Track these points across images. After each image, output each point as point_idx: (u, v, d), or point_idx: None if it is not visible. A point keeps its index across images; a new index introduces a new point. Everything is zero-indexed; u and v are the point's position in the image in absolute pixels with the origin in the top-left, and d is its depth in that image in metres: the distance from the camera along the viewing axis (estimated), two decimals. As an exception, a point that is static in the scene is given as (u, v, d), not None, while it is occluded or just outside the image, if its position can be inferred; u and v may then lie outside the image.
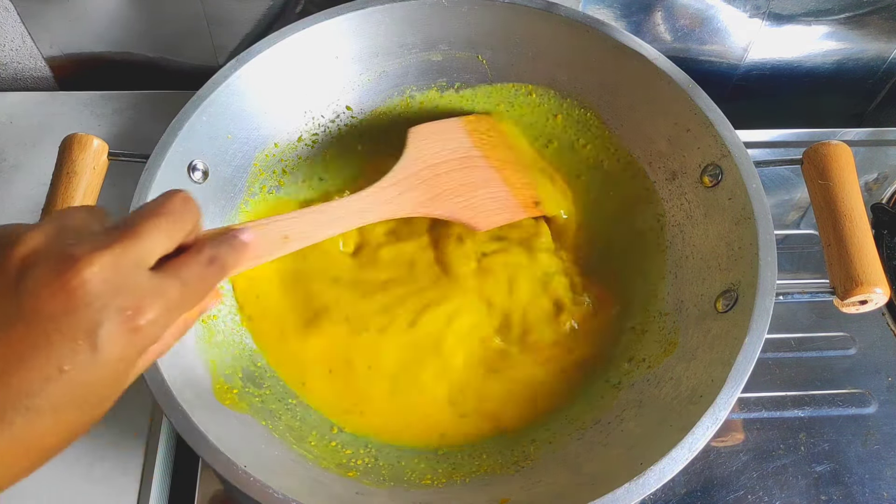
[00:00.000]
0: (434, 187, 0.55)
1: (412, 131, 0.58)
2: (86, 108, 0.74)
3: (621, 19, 0.72)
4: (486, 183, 0.59)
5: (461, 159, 0.59)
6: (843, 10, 0.72)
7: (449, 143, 0.59)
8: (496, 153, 0.61)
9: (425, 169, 0.55)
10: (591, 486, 0.46)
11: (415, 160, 0.55)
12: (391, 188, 0.52)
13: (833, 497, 0.57)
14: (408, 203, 0.53)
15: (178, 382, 0.48)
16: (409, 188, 0.53)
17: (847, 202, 0.51)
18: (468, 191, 0.57)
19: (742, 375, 0.47)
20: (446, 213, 0.55)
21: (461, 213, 0.56)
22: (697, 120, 0.57)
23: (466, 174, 0.58)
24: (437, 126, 0.59)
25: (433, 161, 0.57)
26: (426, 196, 0.54)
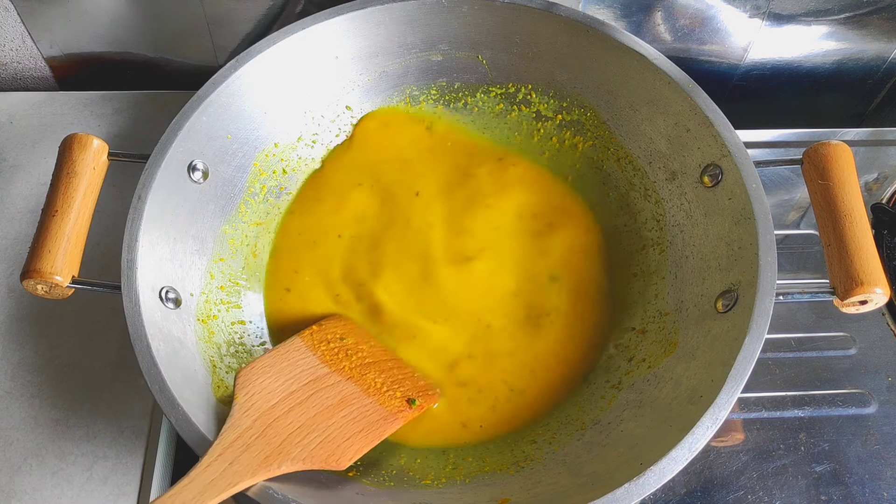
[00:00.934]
0: (275, 437, 0.46)
1: (238, 378, 0.49)
2: (86, 108, 0.74)
3: (621, 19, 0.72)
4: (343, 402, 0.51)
5: (306, 386, 0.50)
6: (843, 10, 0.72)
7: (288, 373, 0.50)
8: (351, 360, 0.54)
9: (260, 418, 0.46)
10: (591, 486, 0.46)
11: (245, 412, 0.46)
12: (217, 462, 0.43)
13: (833, 497, 0.57)
14: (243, 472, 0.43)
15: (178, 382, 0.48)
16: (242, 451, 0.44)
17: (847, 202, 0.51)
18: (322, 421, 0.48)
19: (742, 375, 0.47)
20: (297, 465, 0.45)
21: (315, 458, 0.46)
22: (697, 120, 0.57)
23: (315, 402, 0.49)
24: (269, 359, 0.51)
25: (269, 403, 0.47)
26: (266, 452, 0.44)
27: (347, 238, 0.63)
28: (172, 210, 0.55)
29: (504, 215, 0.64)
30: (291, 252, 0.63)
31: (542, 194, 0.65)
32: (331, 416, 0.49)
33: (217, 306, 0.58)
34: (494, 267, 0.62)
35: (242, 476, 0.43)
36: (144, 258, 0.52)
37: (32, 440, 0.57)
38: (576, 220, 0.64)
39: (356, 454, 0.49)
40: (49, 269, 0.49)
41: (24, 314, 0.62)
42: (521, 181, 0.66)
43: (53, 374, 0.60)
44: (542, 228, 0.63)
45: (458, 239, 0.63)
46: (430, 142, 0.67)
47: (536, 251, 0.62)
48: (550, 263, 0.62)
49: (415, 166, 0.66)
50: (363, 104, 0.67)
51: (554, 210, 0.65)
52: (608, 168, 0.65)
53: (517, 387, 0.58)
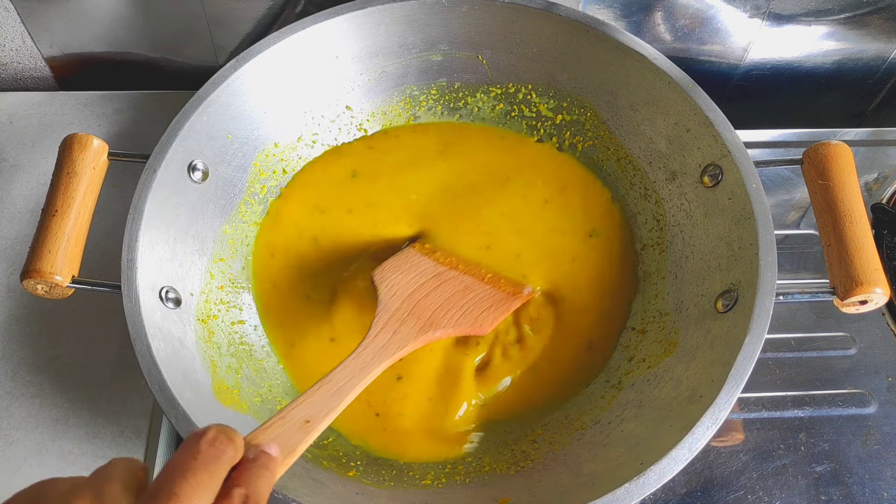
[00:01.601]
0: (422, 313, 0.54)
1: (376, 275, 0.56)
2: (86, 108, 0.74)
3: (621, 19, 0.72)
4: (468, 289, 0.58)
5: (433, 278, 0.58)
6: (843, 10, 0.72)
7: (414, 271, 0.58)
8: (460, 264, 0.61)
9: (405, 301, 0.54)
10: (591, 486, 0.46)
11: (391, 297, 0.54)
12: (382, 333, 0.51)
13: (833, 497, 0.57)
14: (406, 338, 0.51)
15: (178, 382, 0.48)
16: (400, 324, 0.52)
17: (847, 202, 0.51)
18: (456, 302, 0.56)
19: (742, 375, 0.47)
20: (448, 331, 0.54)
21: (461, 325, 0.55)
22: (697, 120, 0.57)
23: (445, 289, 0.57)
24: (395, 261, 0.58)
25: (408, 290, 0.56)
26: (420, 324, 0.53)
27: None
28: (172, 210, 0.55)
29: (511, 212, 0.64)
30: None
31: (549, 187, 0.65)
32: (462, 297, 0.57)
33: (217, 306, 0.58)
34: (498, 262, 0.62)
35: (406, 341, 0.51)
36: (144, 258, 0.52)
37: (32, 440, 0.57)
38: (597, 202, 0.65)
39: (494, 321, 0.57)
40: (49, 268, 0.49)
41: (24, 314, 0.62)
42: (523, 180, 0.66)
43: (53, 374, 0.60)
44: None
45: (460, 240, 0.63)
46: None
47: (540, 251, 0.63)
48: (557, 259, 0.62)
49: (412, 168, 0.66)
50: (363, 104, 0.67)
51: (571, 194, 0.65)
52: (608, 168, 0.65)
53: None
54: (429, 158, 0.66)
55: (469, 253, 0.62)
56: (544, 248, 0.62)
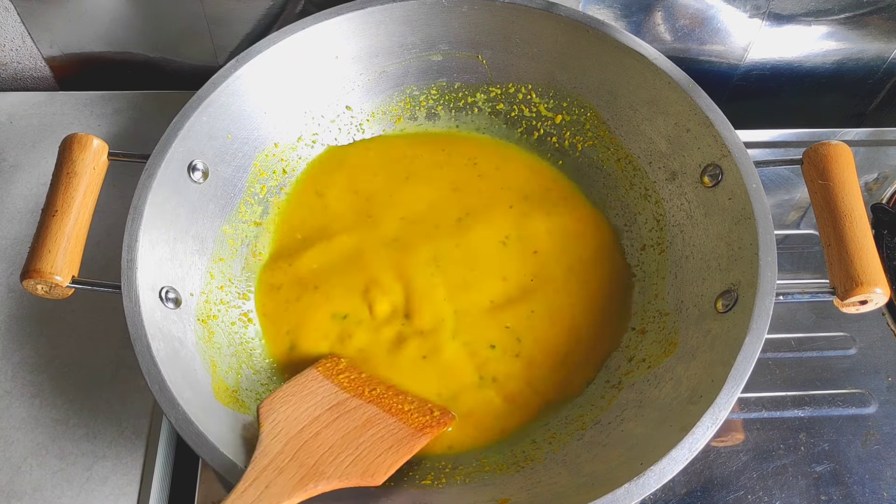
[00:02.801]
0: (306, 459, 0.47)
1: (262, 408, 0.49)
2: (86, 108, 0.74)
3: (621, 19, 0.72)
4: (368, 424, 0.51)
5: (330, 410, 0.51)
6: (843, 10, 0.72)
7: (309, 400, 0.51)
8: (368, 386, 0.55)
9: (288, 444, 0.47)
10: (591, 486, 0.46)
11: (274, 438, 0.47)
12: (253, 487, 0.44)
13: (833, 497, 0.57)
14: (280, 494, 0.44)
15: (178, 382, 0.48)
16: (276, 475, 0.45)
17: (847, 202, 0.51)
18: (351, 442, 0.49)
19: (742, 375, 0.47)
20: (332, 483, 0.46)
21: (349, 475, 0.47)
22: (697, 120, 0.57)
23: (342, 424, 0.50)
24: (290, 388, 0.52)
25: (296, 429, 0.48)
26: (301, 473, 0.45)
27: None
28: (172, 210, 0.55)
29: (508, 213, 0.64)
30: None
31: (545, 193, 0.65)
32: (359, 436, 0.50)
33: (217, 306, 0.58)
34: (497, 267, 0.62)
35: (280, 498, 0.44)
36: (144, 258, 0.52)
37: (32, 440, 0.57)
38: (581, 218, 0.64)
39: (390, 469, 0.49)
40: (49, 269, 0.49)
41: (24, 314, 0.62)
42: (522, 181, 0.66)
43: (53, 374, 0.60)
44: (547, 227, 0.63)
45: (461, 239, 0.63)
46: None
47: (542, 249, 0.62)
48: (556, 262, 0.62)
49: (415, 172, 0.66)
50: (363, 104, 0.67)
51: (559, 209, 0.65)
52: (608, 168, 0.65)
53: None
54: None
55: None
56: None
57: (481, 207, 0.64)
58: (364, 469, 0.48)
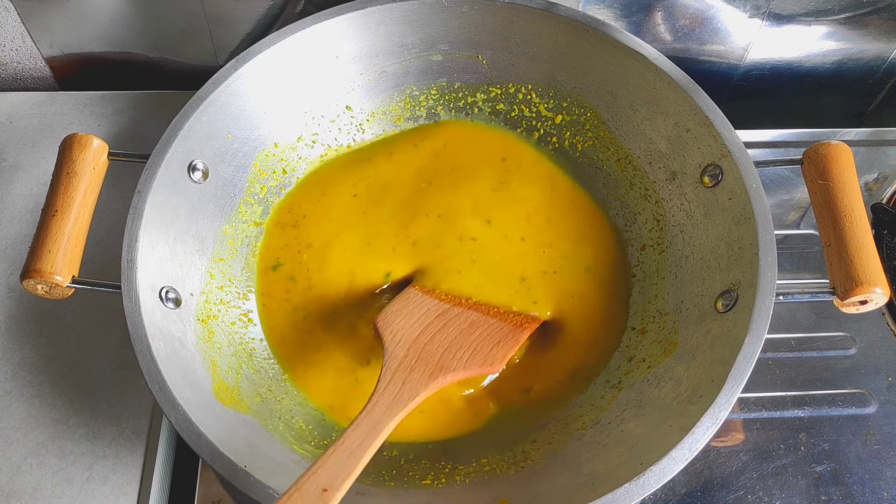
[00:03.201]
0: (431, 358, 0.52)
1: (379, 322, 0.55)
2: (86, 108, 0.74)
3: (621, 19, 0.72)
4: (474, 325, 0.57)
5: (438, 318, 0.56)
6: (843, 10, 0.72)
7: (417, 313, 0.56)
8: (464, 299, 0.59)
9: (411, 348, 0.53)
10: (591, 486, 0.46)
11: (397, 345, 0.53)
12: (392, 384, 0.49)
13: (833, 497, 0.57)
14: (417, 387, 0.50)
15: (178, 382, 0.48)
16: (409, 372, 0.51)
17: (847, 202, 0.51)
18: (464, 341, 0.55)
19: (742, 375, 0.47)
20: (459, 374, 0.52)
21: (472, 366, 0.53)
22: (697, 120, 0.57)
23: (451, 328, 0.56)
24: (397, 304, 0.57)
25: (413, 335, 0.54)
26: (429, 370, 0.51)
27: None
28: (172, 210, 0.55)
29: (509, 214, 0.64)
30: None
31: (546, 193, 0.65)
32: (469, 335, 0.56)
33: (217, 306, 0.58)
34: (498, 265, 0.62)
35: (418, 389, 0.49)
36: (144, 258, 0.52)
37: (32, 440, 0.57)
38: (585, 217, 0.64)
39: (505, 357, 0.55)
40: (49, 268, 0.49)
41: (24, 314, 0.62)
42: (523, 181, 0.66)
43: (53, 374, 0.60)
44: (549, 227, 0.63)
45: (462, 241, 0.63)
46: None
47: (542, 249, 0.62)
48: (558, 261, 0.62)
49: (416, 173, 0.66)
50: (363, 104, 0.67)
51: (561, 209, 0.64)
52: (608, 168, 0.65)
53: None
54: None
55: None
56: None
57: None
58: (482, 360, 0.54)
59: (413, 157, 0.66)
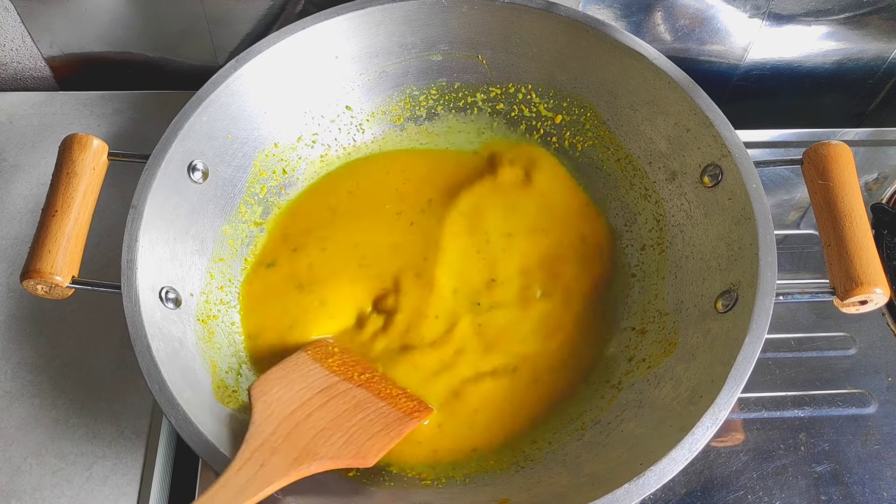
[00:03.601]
0: (300, 439, 0.47)
1: (253, 389, 0.50)
2: (86, 108, 0.74)
3: (621, 19, 0.72)
4: (358, 407, 0.52)
5: (321, 393, 0.51)
6: (843, 10, 0.72)
7: (300, 383, 0.51)
8: (357, 370, 0.55)
9: (281, 425, 0.47)
10: (591, 486, 0.46)
11: (266, 419, 0.47)
12: (248, 466, 0.44)
13: (833, 497, 0.57)
14: (275, 473, 0.44)
15: (178, 382, 0.48)
16: (270, 454, 0.45)
17: (847, 202, 0.51)
18: (341, 424, 0.50)
19: (742, 375, 0.47)
20: (326, 463, 0.47)
21: (342, 455, 0.48)
22: (697, 120, 0.57)
23: (332, 407, 0.51)
24: (280, 371, 0.52)
25: (288, 410, 0.49)
26: (294, 454, 0.46)
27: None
28: (172, 210, 0.55)
29: (508, 214, 0.64)
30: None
31: (544, 194, 0.65)
32: (350, 418, 0.51)
33: (217, 306, 0.58)
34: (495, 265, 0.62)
35: (274, 477, 0.44)
36: (144, 258, 0.52)
37: (32, 440, 0.57)
38: (582, 216, 0.64)
39: (381, 450, 0.50)
40: (49, 269, 0.49)
41: (24, 314, 0.62)
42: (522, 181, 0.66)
43: (53, 374, 0.60)
44: (547, 227, 0.64)
45: (462, 240, 0.63)
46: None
47: (540, 249, 0.63)
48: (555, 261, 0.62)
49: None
50: (363, 104, 0.67)
51: (559, 209, 0.65)
52: (608, 168, 0.65)
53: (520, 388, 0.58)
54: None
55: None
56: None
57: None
58: (356, 450, 0.49)
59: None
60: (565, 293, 0.61)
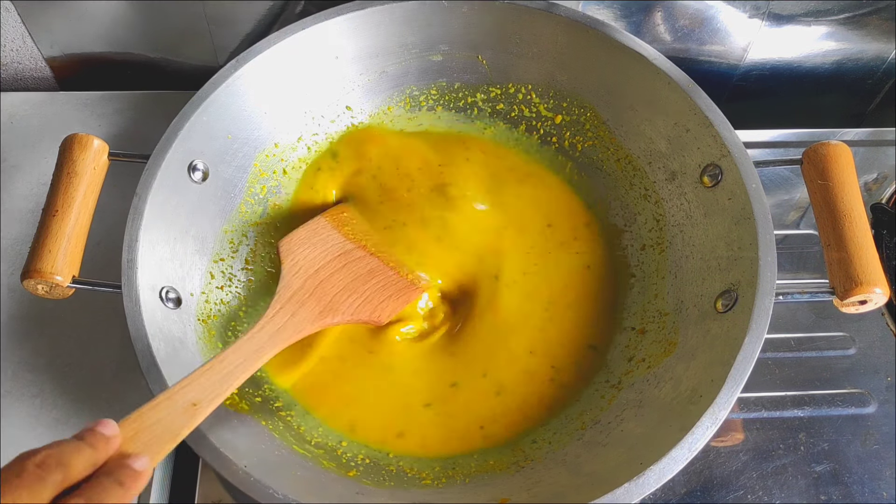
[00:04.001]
0: (324, 295, 0.53)
1: (282, 245, 0.56)
2: (86, 108, 0.74)
3: (621, 19, 0.72)
4: (372, 273, 0.57)
5: (339, 257, 0.57)
6: (843, 10, 0.72)
7: (321, 246, 0.57)
8: (368, 239, 0.60)
9: (308, 280, 0.53)
10: (591, 486, 0.46)
11: (294, 275, 0.53)
12: (280, 314, 0.50)
13: (833, 497, 0.57)
14: (304, 322, 0.50)
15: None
16: (299, 306, 0.51)
17: (847, 202, 0.51)
18: (358, 286, 0.55)
19: (742, 375, 0.47)
20: (346, 318, 0.53)
21: (361, 313, 0.54)
22: (697, 120, 0.57)
23: (350, 271, 0.56)
24: (304, 232, 0.58)
25: (313, 269, 0.54)
26: (319, 307, 0.52)
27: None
28: (172, 210, 0.55)
29: (505, 214, 0.64)
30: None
31: (543, 194, 0.65)
32: (365, 282, 0.56)
33: (217, 306, 0.58)
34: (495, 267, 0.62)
35: (304, 325, 0.50)
36: (145, 258, 0.52)
37: (32, 440, 0.57)
38: (577, 218, 0.64)
39: (392, 312, 0.56)
40: (49, 268, 0.49)
41: (24, 314, 0.62)
42: (521, 182, 0.66)
43: (53, 374, 0.60)
44: (544, 228, 0.64)
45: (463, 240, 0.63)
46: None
47: (538, 249, 0.63)
48: (551, 262, 0.62)
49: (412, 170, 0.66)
50: (363, 104, 0.67)
51: (555, 209, 0.65)
52: (608, 168, 0.65)
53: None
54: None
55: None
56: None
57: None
58: (372, 310, 0.55)
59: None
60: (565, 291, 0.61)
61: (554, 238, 0.63)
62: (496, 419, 0.56)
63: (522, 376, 0.58)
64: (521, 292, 0.60)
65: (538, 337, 0.59)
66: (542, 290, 0.61)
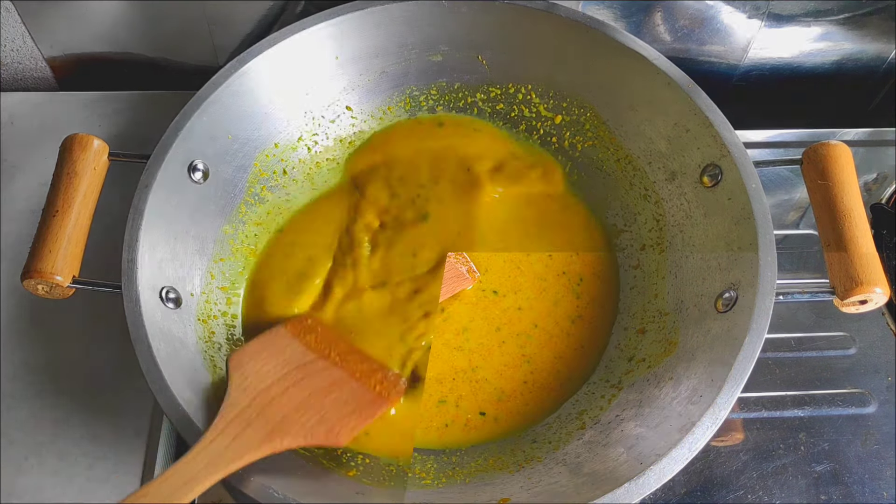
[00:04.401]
0: (273, 415, 0.47)
1: (231, 360, 0.50)
2: (86, 109, 0.74)
3: (621, 19, 0.72)
4: (333, 386, 0.52)
5: (297, 370, 0.52)
6: (843, 10, 0.72)
7: (277, 358, 0.52)
8: (333, 348, 0.56)
9: (257, 397, 0.48)
10: (591, 485, 0.46)
11: (242, 392, 0.48)
12: (222, 437, 0.44)
13: (833, 497, 0.57)
14: (247, 446, 0.45)
15: (178, 382, 0.48)
16: (244, 427, 0.45)
17: (847, 202, 0.51)
18: (315, 402, 0.50)
19: (742, 375, 0.47)
20: (298, 441, 0.47)
21: (315, 434, 0.48)
22: (697, 120, 0.57)
23: (308, 384, 0.51)
24: (258, 345, 0.53)
25: (264, 384, 0.49)
26: (267, 429, 0.46)
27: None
28: (173, 210, 0.55)
29: (506, 215, 0.64)
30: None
31: (543, 195, 0.65)
32: (324, 397, 0.51)
33: (217, 306, 0.58)
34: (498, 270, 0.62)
35: (247, 450, 0.45)
36: (145, 258, 0.52)
37: (32, 440, 0.57)
38: (576, 219, 0.64)
39: (353, 431, 0.51)
40: (50, 269, 0.49)
41: (24, 314, 0.62)
42: (521, 181, 0.66)
43: (53, 374, 0.60)
44: (544, 229, 0.64)
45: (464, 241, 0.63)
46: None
47: (538, 250, 0.63)
48: (553, 264, 0.62)
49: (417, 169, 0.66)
50: (363, 104, 0.67)
51: (555, 210, 0.65)
52: (608, 168, 0.65)
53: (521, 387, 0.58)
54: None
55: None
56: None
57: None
58: (328, 429, 0.49)
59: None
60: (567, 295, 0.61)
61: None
62: (498, 417, 0.56)
63: (521, 376, 0.58)
64: (519, 294, 0.61)
65: (535, 339, 0.59)
66: (540, 291, 0.61)
